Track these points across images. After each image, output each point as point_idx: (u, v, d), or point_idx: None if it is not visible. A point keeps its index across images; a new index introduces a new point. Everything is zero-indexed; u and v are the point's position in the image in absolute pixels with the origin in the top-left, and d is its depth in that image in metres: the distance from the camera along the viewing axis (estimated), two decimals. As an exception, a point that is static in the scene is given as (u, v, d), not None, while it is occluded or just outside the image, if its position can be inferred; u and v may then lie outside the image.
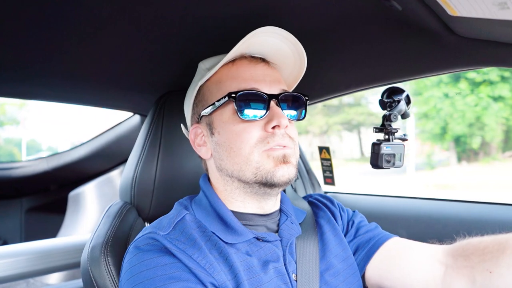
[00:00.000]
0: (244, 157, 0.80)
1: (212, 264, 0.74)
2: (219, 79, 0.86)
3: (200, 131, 0.88)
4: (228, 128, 0.82)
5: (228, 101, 0.81)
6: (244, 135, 0.80)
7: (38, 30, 0.85)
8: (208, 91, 0.87)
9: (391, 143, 1.02)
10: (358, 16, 0.87)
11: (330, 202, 1.04)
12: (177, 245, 0.75)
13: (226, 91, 0.82)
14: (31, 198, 2.64)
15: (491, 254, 0.80)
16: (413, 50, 1.00)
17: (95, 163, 2.41)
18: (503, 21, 0.65)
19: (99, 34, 0.90)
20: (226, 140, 0.82)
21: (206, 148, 0.87)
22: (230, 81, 0.84)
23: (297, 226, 0.91)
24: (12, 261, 1.38)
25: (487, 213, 1.33)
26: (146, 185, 1.08)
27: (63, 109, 3.98)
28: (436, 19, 0.80)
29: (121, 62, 1.09)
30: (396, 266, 0.90)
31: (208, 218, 0.84)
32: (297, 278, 0.83)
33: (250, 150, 0.80)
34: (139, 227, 1.06)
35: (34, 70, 1.07)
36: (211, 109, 0.84)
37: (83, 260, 0.93)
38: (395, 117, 1.01)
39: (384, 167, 1.02)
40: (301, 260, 0.86)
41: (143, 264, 0.73)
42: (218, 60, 0.87)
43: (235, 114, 0.81)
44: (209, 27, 0.92)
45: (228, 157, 0.82)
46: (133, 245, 0.78)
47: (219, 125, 0.84)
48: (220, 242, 0.79)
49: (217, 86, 0.85)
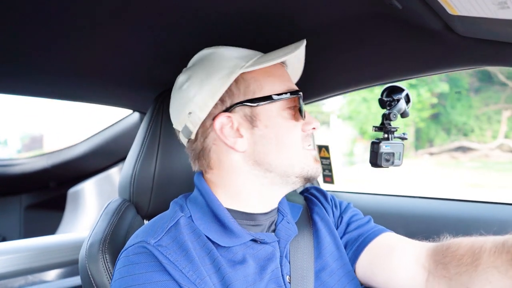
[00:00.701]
0: (294, 152, 0.82)
1: (203, 279, 0.71)
2: (269, 73, 0.84)
3: (229, 121, 0.81)
4: (278, 123, 0.82)
5: (286, 98, 0.82)
6: (294, 132, 0.83)
7: (36, 27, 0.85)
8: (255, 82, 0.83)
9: (391, 142, 1.02)
10: (358, 14, 0.87)
11: (324, 197, 1.02)
12: (168, 256, 0.72)
13: (275, 88, 0.83)
14: (30, 195, 2.64)
15: (466, 268, 0.78)
16: (413, 49, 1.00)
17: (94, 161, 2.41)
18: (503, 20, 0.65)
19: (98, 30, 0.89)
20: (276, 135, 0.81)
21: (242, 140, 0.81)
22: (278, 79, 0.85)
23: (294, 226, 0.90)
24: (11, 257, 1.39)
25: (486, 212, 1.33)
26: (145, 182, 1.08)
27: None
28: (436, 18, 0.80)
29: (120, 59, 1.08)
30: (380, 269, 0.89)
31: (204, 218, 0.81)
32: (290, 280, 0.81)
33: (298, 146, 0.83)
34: (137, 225, 1.06)
35: (31, 67, 1.07)
36: (263, 102, 0.81)
37: (81, 257, 0.93)
38: (394, 116, 1.01)
39: (383, 166, 1.02)
40: (295, 261, 0.84)
41: (133, 278, 0.70)
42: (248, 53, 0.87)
43: (286, 111, 0.83)
44: (209, 24, 0.92)
45: (277, 151, 0.81)
46: (124, 254, 0.76)
47: (267, 118, 0.81)
48: (214, 250, 0.76)
49: (266, 80, 0.83)
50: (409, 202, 1.54)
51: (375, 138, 1.04)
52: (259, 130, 0.81)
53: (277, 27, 0.94)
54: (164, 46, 1.01)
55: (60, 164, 2.46)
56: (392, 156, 1.02)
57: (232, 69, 0.82)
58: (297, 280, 0.82)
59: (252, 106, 0.81)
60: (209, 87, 0.82)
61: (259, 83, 0.82)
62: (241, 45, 0.90)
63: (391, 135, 1.02)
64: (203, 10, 0.85)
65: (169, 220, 0.79)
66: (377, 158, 1.01)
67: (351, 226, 0.96)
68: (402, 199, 1.59)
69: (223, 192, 0.84)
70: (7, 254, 1.38)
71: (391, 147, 1.01)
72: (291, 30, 0.95)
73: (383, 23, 0.89)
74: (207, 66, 0.84)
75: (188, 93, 0.83)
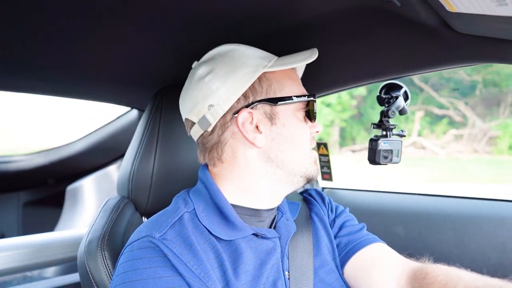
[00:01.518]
0: (305, 152, 0.87)
1: (207, 273, 0.72)
2: (288, 76, 0.88)
3: (250, 117, 0.83)
4: (294, 124, 0.86)
5: (304, 100, 0.87)
6: (305, 133, 0.88)
7: (33, 24, 0.85)
8: (277, 82, 0.86)
9: (389, 139, 1.02)
10: (355, 11, 0.87)
11: (321, 199, 1.04)
12: (173, 249, 0.73)
13: (295, 90, 0.87)
14: (28, 192, 2.64)
15: None
16: (411, 46, 1.00)
17: (93, 158, 2.41)
18: (501, 17, 0.65)
19: (97, 27, 0.89)
20: (292, 134, 0.85)
21: (261, 136, 0.83)
22: (295, 82, 0.89)
23: (292, 223, 0.91)
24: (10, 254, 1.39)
25: (484, 208, 1.34)
26: (144, 179, 1.08)
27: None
28: (435, 15, 0.80)
29: (118, 56, 1.08)
30: (361, 282, 0.90)
31: (207, 210, 0.82)
32: (289, 276, 0.82)
33: (307, 147, 0.88)
34: (136, 222, 1.06)
35: (28, 64, 1.07)
36: (283, 102, 0.85)
37: (80, 254, 0.93)
38: (393, 113, 1.01)
39: (381, 163, 1.02)
40: (294, 257, 0.85)
41: (136, 273, 0.70)
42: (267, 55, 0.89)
43: (300, 112, 0.87)
44: (208, 21, 0.91)
45: (291, 149, 0.85)
46: (128, 249, 0.76)
47: (285, 117, 0.85)
48: (218, 245, 0.77)
49: (286, 81, 0.87)
50: (408, 199, 1.55)
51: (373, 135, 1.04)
52: (277, 128, 0.85)
53: (273, 22, 0.94)
54: (162, 43, 1.01)
55: (58, 161, 2.45)
56: (390, 153, 1.02)
57: (255, 67, 0.83)
58: (296, 276, 0.83)
59: (273, 104, 0.84)
60: (233, 81, 0.82)
61: (280, 83, 0.86)
62: (239, 41, 0.90)
63: (390, 132, 1.02)
64: (202, 8, 0.85)
65: (172, 215, 0.80)
66: (375, 155, 1.01)
67: (342, 231, 0.98)
68: (400, 196, 1.59)
69: (231, 186, 0.85)
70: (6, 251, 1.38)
71: (389, 144, 1.02)
72: (287, 25, 0.95)
73: (380, 19, 0.89)
74: (231, 62, 0.85)
75: (211, 86, 0.83)
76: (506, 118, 8.91)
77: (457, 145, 9.21)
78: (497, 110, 8.95)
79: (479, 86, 8.52)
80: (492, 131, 9.04)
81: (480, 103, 8.98)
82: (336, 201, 1.11)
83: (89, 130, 2.34)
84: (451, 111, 8.74)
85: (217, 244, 0.78)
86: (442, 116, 9.63)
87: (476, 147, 9.00)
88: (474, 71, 7.86)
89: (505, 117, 8.91)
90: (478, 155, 8.98)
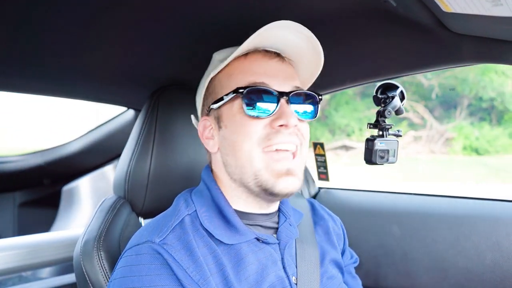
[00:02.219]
0: (246, 153, 0.77)
1: (206, 279, 0.71)
2: (231, 72, 0.83)
3: (209, 124, 0.85)
4: (235, 123, 0.79)
5: (236, 95, 0.78)
6: (247, 130, 0.77)
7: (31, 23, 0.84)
8: (219, 83, 0.84)
9: (385, 139, 1.02)
10: (351, 11, 0.87)
11: (333, 221, 1.05)
12: (173, 255, 0.72)
13: (236, 85, 0.79)
14: (24, 193, 2.62)
15: None
16: (407, 46, 1.00)
17: (89, 158, 2.40)
18: (496, 17, 0.66)
19: (93, 27, 0.89)
20: (231, 135, 0.80)
21: (213, 141, 0.84)
22: (241, 75, 0.80)
23: (295, 229, 0.90)
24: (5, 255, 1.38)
25: (479, 208, 1.34)
26: (140, 179, 1.08)
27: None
28: (430, 15, 0.80)
29: (115, 57, 1.08)
30: None
31: (209, 212, 0.81)
32: (297, 281, 0.81)
33: (251, 147, 0.77)
34: (132, 222, 1.06)
35: (25, 64, 1.06)
36: (220, 103, 0.81)
37: (76, 255, 0.93)
38: (389, 113, 1.01)
39: (378, 163, 1.02)
40: (302, 263, 0.85)
41: (132, 280, 0.70)
42: (232, 51, 0.83)
43: (247, 107, 0.77)
44: (206, 22, 0.91)
45: (232, 151, 0.80)
46: (127, 253, 0.75)
47: (227, 119, 0.81)
48: (217, 250, 0.76)
49: (228, 79, 0.83)
50: (404, 199, 1.55)
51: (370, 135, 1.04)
52: (222, 131, 0.83)
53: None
54: (159, 44, 1.01)
55: (54, 161, 2.44)
56: (386, 153, 1.02)
57: (207, 74, 0.88)
58: (303, 281, 0.82)
59: (215, 108, 0.84)
60: (199, 91, 0.92)
61: (221, 84, 0.84)
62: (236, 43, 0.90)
63: (386, 132, 1.02)
64: (199, 9, 0.85)
65: (173, 218, 0.79)
66: (372, 155, 1.01)
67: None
68: (396, 196, 1.59)
69: (225, 190, 0.86)
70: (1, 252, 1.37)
71: (385, 144, 1.01)
72: None
73: (376, 20, 0.89)
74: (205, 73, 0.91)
75: (196, 98, 0.95)
76: (462, 120, 9.21)
77: (416, 146, 9.42)
78: (454, 112, 9.25)
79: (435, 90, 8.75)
80: (448, 133, 9.33)
81: (438, 106, 9.29)
82: (332, 201, 1.11)
83: (85, 131, 2.33)
84: (410, 114, 8.95)
85: (217, 249, 0.76)
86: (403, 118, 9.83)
87: (433, 148, 9.28)
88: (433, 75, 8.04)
89: (461, 119, 9.21)
90: (435, 155, 9.21)
